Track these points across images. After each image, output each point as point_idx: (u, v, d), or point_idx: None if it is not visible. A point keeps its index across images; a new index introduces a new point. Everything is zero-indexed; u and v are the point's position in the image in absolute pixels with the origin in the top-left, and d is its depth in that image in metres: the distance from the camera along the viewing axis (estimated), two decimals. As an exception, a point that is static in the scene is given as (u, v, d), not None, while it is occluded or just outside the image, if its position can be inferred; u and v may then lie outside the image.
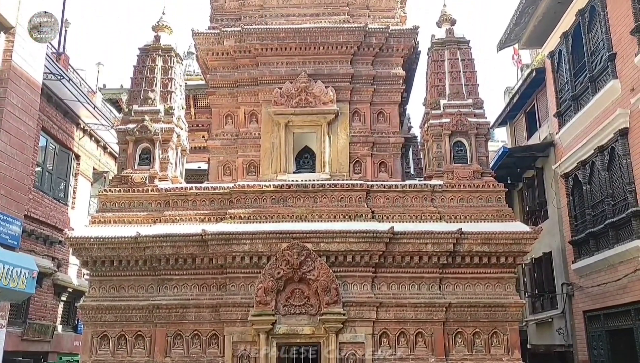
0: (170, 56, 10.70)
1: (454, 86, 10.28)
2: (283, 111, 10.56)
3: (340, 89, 10.75)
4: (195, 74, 20.82)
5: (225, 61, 11.17)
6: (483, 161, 9.89)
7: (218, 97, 11.15)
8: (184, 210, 9.68)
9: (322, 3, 11.44)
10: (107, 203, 9.79)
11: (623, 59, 10.61)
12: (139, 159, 10.04)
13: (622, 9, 10.59)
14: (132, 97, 10.62)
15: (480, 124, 9.94)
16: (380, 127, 10.89)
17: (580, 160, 12.28)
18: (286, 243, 8.89)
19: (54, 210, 13.87)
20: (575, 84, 12.68)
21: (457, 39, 10.64)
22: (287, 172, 10.42)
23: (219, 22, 11.40)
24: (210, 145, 10.94)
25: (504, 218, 9.33)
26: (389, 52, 11.01)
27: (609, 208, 11.12)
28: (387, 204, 9.67)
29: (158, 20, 11.00)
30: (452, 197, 9.61)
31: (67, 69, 14.94)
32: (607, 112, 11.10)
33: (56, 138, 14.10)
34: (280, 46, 10.88)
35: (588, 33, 12.09)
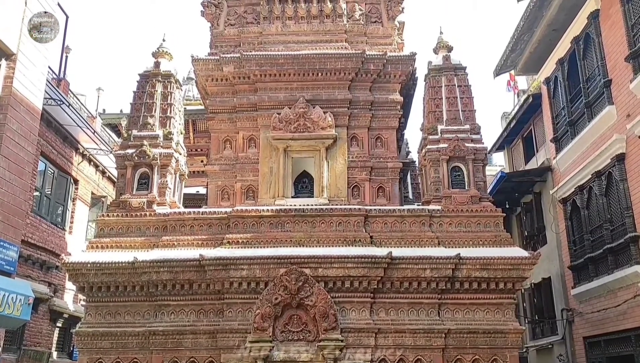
0: (170, 82, 10.80)
1: (451, 112, 10.36)
2: (281, 136, 10.61)
3: (338, 114, 10.82)
4: (195, 99, 20.98)
5: (225, 87, 11.27)
6: (481, 186, 9.91)
7: (217, 122, 11.22)
8: (182, 235, 9.66)
9: (320, 30, 11.59)
10: (105, 228, 9.77)
11: (618, 85, 10.72)
12: (138, 184, 10.06)
13: (616, 37, 10.75)
14: (131, 123, 10.68)
15: (477, 149, 9.98)
16: (378, 152, 10.94)
17: (577, 185, 12.32)
18: (284, 268, 8.85)
19: (51, 235, 13.82)
20: (572, 109, 12.79)
21: (454, 65, 10.76)
22: (285, 196, 10.43)
23: (218, 49, 11.53)
24: (209, 170, 10.97)
25: (502, 244, 9.31)
26: (387, 78, 11.12)
27: (608, 234, 11.12)
28: (386, 229, 9.65)
29: (158, 47, 11.13)
30: (450, 222, 9.61)
31: (68, 94, 15.05)
32: (603, 138, 11.18)
33: (55, 163, 14.13)
34: (279, 72, 10.99)
35: (583, 59, 12.24)
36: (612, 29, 10.93)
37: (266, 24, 11.64)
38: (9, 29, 6.04)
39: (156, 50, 11.09)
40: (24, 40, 6.31)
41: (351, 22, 11.62)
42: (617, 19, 10.68)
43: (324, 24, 11.60)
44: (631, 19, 10.28)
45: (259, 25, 11.68)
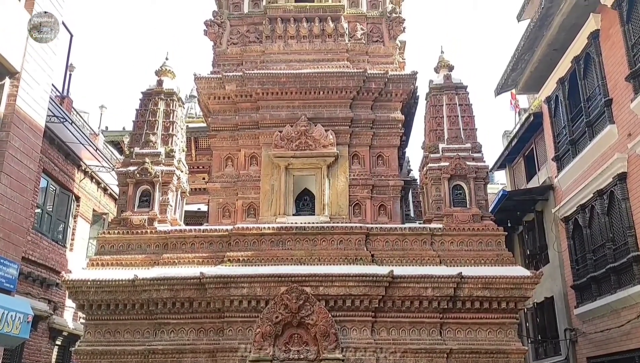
0: (173, 100, 10.87)
1: (453, 130, 10.39)
2: (283, 154, 10.64)
3: (339, 132, 10.86)
4: (197, 116, 21.08)
5: (227, 105, 11.33)
6: (482, 205, 9.89)
7: (219, 140, 11.25)
8: (183, 252, 9.63)
9: (322, 49, 11.67)
10: (106, 245, 9.75)
11: (619, 104, 10.75)
12: (139, 201, 10.07)
13: (616, 56, 10.81)
14: (133, 140, 10.72)
15: (478, 168, 9.99)
16: (380, 170, 10.95)
17: (579, 204, 12.29)
18: (285, 287, 8.81)
19: (52, 252, 13.80)
20: (573, 128, 12.81)
21: (455, 84, 10.82)
22: (286, 214, 10.42)
23: (221, 67, 11.61)
24: (210, 188, 10.98)
25: (504, 263, 9.27)
26: (388, 97, 11.17)
27: (610, 253, 11.07)
28: (387, 247, 9.62)
29: (161, 65, 11.22)
30: (452, 240, 9.58)
31: (71, 111, 15.13)
32: (604, 157, 11.18)
33: (57, 180, 14.15)
34: (281, 90, 11.05)
35: (584, 79, 12.29)
36: (612, 48, 10.99)
37: (268, 42, 11.74)
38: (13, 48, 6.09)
39: (159, 69, 11.18)
40: (28, 58, 6.36)
41: (353, 42, 11.72)
42: (617, 39, 10.75)
43: (325, 43, 11.70)
44: (631, 39, 10.35)
45: (262, 44, 11.77)
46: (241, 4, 12.26)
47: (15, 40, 6.14)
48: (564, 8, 11.86)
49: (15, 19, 6.22)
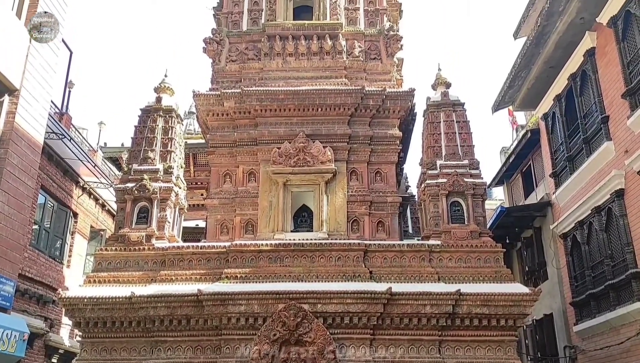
0: (171, 117, 10.91)
1: (450, 147, 10.43)
2: (281, 170, 10.66)
3: (338, 149, 10.89)
4: (196, 133, 21.13)
5: (225, 121, 11.37)
6: (480, 221, 9.90)
7: (217, 156, 11.28)
8: (180, 269, 9.60)
9: (320, 66, 11.75)
10: (103, 262, 9.72)
11: (616, 121, 10.80)
12: (137, 218, 10.06)
13: (612, 74, 10.88)
14: (132, 156, 10.74)
15: (476, 184, 10.02)
16: (378, 186, 10.97)
17: (577, 220, 12.29)
18: (283, 304, 8.77)
19: (49, 269, 13.73)
20: (570, 145, 12.85)
21: (452, 101, 10.88)
22: (284, 231, 10.41)
23: (219, 84, 11.67)
24: (208, 204, 10.98)
25: (502, 279, 9.25)
26: (386, 114, 11.23)
27: (609, 270, 11.04)
28: (385, 264, 9.60)
29: (160, 82, 11.28)
30: (450, 257, 9.57)
31: (70, 128, 15.16)
32: (602, 173, 11.21)
33: (55, 196, 14.13)
34: (280, 107, 11.10)
35: (580, 96, 12.36)
36: (608, 66, 11.07)
37: (267, 60, 11.82)
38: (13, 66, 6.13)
39: (158, 86, 11.23)
40: (27, 76, 6.40)
41: (351, 59, 11.81)
42: (612, 56, 10.84)
43: (324, 61, 11.78)
44: (627, 57, 10.43)
45: (260, 61, 11.85)
46: (240, 22, 12.37)
47: (14, 58, 6.18)
48: (559, 26, 11.96)
49: (15, 37, 6.26)
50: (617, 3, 10.38)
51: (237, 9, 12.51)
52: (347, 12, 12.37)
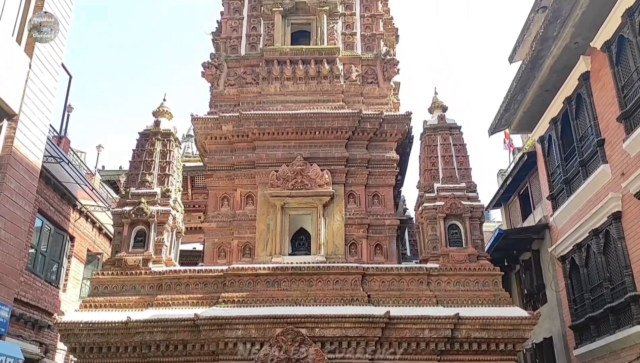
0: (169, 140, 10.95)
1: (447, 170, 10.48)
2: (279, 193, 10.67)
3: (335, 171, 10.93)
4: (194, 155, 21.18)
5: (223, 145, 11.41)
6: (478, 244, 9.89)
7: (215, 179, 11.29)
8: (177, 293, 9.54)
9: (318, 90, 11.85)
10: (99, 286, 9.65)
11: (611, 144, 10.86)
12: (134, 241, 10.02)
13: (607, 97, 10.98)
14: (129, 180, 10.74)
15: (474, 207, 10.03)
16: (376, 209, 10.98)
17: (575, 243, 12.27)
18: (280, 328, 8.70)
19: (44, 293, 13.61)
20: (566, 167, 12.90)
21: (449, 124, 10.96)
22: (282, 254, 10.39)
23: (218, 108, 11.75)
24: (206, 227, 10.95)
25: (501, 303, 9.21)
26: (383, 137, 11.30)
27: (608, 293, 10.99)
28: (383, 288, 9.57)
29: (159, 106, 11.34)
30: (449, 280, 9.54)
31: (68, 151, 15.18)
32: (599, 196, 11.23)
33: (52, 219, 14.09)
34: (277, 130, 11.16)
35: (576, 119, 12.45)
36: (602, 90, 11.17)
37: (265, 84, 11.92)
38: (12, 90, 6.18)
39: (157, 110, 11.30)
40: (26, 101, 6.43)
41: (348, 83, 11.91)
42: (607, 80, 10.95)
43: (321, 85, 11.89)
44: (621, 81, 10.53)
45: (258, 85, 11.95)
46: (238, 46, 12.51)
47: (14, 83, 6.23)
48: (554, 51, 12.11)
49: (15, 62, 6.32)
50: (610, 28, 10.53)
51: (236, 34, 12.66)
52: (344, 37, 12.53)
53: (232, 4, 13.05)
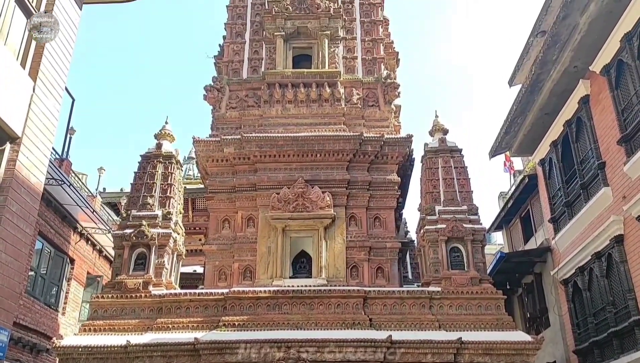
0: (171, 163, 10.99)
1: (449, 193, 10.48)
2: (280, 216, 10.67)
3: (336, 194, 10.94)
4: (195, 178, 21.22)
5: (225, 167, 11.45)
6: (480, 267, 9.85)
7: (216, 202, 11.30)
8: (177, 317, 9.47)
9: (319, 113, 11.92)
10: (99, 310, 9.59)
11: (612, 167, 10.87)
12: (134, 264, 10.00)
13: (607, 120, 11.02)
14: (131, 202, 10.75)
15: (475, 230, 10.01)
16: (377, 231, 10.96)
17: (578, 266, 12.20)
18: (281, 352, 8.63)
19: (43, 317, 13.50)
20: (568, 190, 12.89)
21: (450, 147, 11.00)
22: (283, 277, 10.34)
23: (219, 130, 11.81)
24: (207, 250, 10.93)
25: (504, 327, 9.13)
26: (384, 159, 11.33)
27: (611, 317, 10.89)
28: (385, 311, 9.50)
29: (160, 129, 11.42)
30: (451, 304, 9.47)
31: (69, 174, 15.22)
32: (601, 219, 11.20)
33: (52, 242, 14.04)
34: (279, 153, 11.20)
35: (576, 142, 12.47)
36: (602, 113, 11.22)
37: (267, 107, 12.00)
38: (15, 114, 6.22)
39: (158, 132, 11.36)
40: (29, 124, 6.48)
41: (349, 106, 11.99)
42: (607, 103, 11.00)
43: (322, 108, 11.97)
44: (621, 104, 10.58)
45: (260, 108, 12.04)
46: (240, 70, 12.63)
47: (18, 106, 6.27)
48: (553, 74, 12.19)
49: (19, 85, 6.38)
50: (609, 52, 10.61)
51: (238, 57, 12.79)
52: (346, 61, 12.65)
53: (234, 28, 13.22)
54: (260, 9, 13.47)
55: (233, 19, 13.43)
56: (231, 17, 13.50)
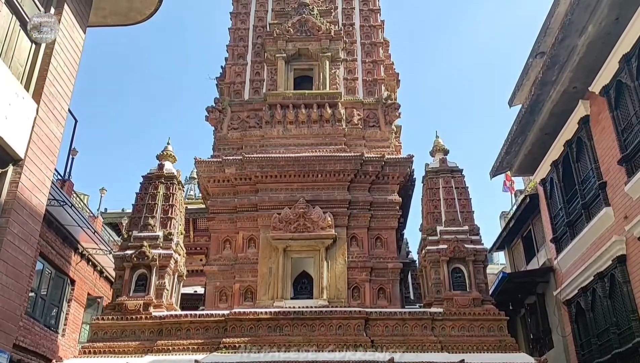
0: (173, 183, 11.02)
1: (450, 213, 10.48)
2: (281, 236, 10.65)
3: (338, 214, 10.93)
4: (196, 198, 21.24)
5: (226, 188, 11.47)
6: (482, 288, 9.80)
7: (217, 222, 11.30)
8: (177, 339, 9.42)
9: (320, 134, 11.98)
10: (99, 332, 9.54)
11: (613, 187, 10.86)
12: (135, 286, 9.97)
13: (607, 141, 11.04)
14: (132, 223, 10.76)
15: (477, 251, 9.99)
16: (378, 252, 10.93)
17: (581, 286, 12.12)
18: (282, 375, 8.54)
19: (43, 338, 13.41)
20: (569, 210, 12.87)
21: (451, 168, 11.03)
22: (284, 298, 10.29)
23: (221, 151, 11.86)
24: (207, 271, 10.89)
25: (507, 349, 9.06)
26: (385, 180, 11.35)
27: (615, 338, 10.79)
28: (387, 333, 9.44)
29: (163, 150, 11.48)
30: (453, 325, 9.41)
31: (71, 194, 15.23)
32: (602, 239, 11.16)
33: (53, 263, 14.01)
34: (280, 173, 11.23)
35: (577, 162, 12.49)
36: (602, 133, 11.25)
37: (268, 127, 12.07)
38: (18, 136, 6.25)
39: (160, 153, 11.42)
40: (32, 146, 6.50)
41: (350, 127, 12.05)
42: (606, 124, 11.03)
43: (323, 128, 12.03)
44: (620, 124, 10.61)
45: (261, 129, 12.10)
46: (242, 91, 12.73)
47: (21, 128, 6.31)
48: (553, 95, 12.25)
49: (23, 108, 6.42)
50: (608, 73, 10.68)
51: (240, 79, 12.90)
52: (346, 82, 12.75)
53: (236, 50, 13.36)
54: (261, 32, 13.63)
55: (235, 41, 13.59)
56: (233, 39, 13.66)
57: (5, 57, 6.36)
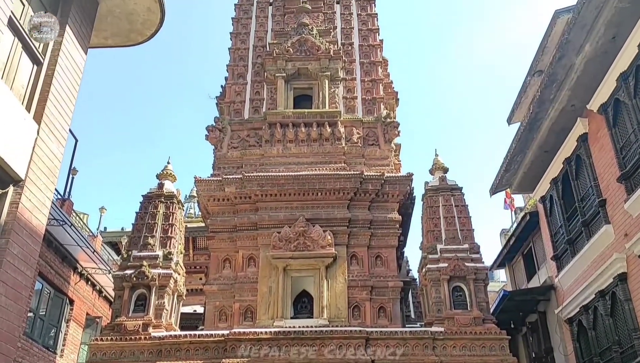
0: (172, 203, 11.02)
1: (450, 231, 10.48)
2: (281, 255, 10.63)
3: (338, 233, 10.93)
4: (196, 216, 21.24)
5: (226, 206, 11.48)
6: (483, 307, 9.76)
7: (217, 241, 11.28)
8: (177, 359, 9.35)
9: (320, 152, 12.03)
10: (98, 353, 9.46)
11: (613, 204, 10.86)
12: (134, 306, 9.92)
13: (606, 158, 11.07)
14: (132, 243, 10.75)
15: (478, 269, 9.97)
16: (379, 270, 10.91)
17: (582, 304, 12.06)
18: (282, 396, 8.46)
19: (42, 359, 13.29)
20: (569, 228, 12.86)
21: (450, 186, 11.05)
22: (284, 317, 10.24)
23: (221, 170, 11.89)
24: (207, 290, 10.85)
25: (509, 368, 8.98)
26: (385, 198, 11.37)
27: (617, 356, 10.71)
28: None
29: (163, 169, 11.51)
30: (454, 345, 9.35)
31: (71, 214, 15.23)
32: (603, 256, 11.13)
33: (52, 283, 13.94)
34: (280, 192, 11.24)
35: (576, 179, 12.50)
36: (601, 151, 11.28)
37: (268, 146, 12.11)
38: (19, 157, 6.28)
39: (160, 172, 11.44)
40: (33, 166, 6.53)
41: (349, 145, 12.10)
42: (605, 141, 11.07)
43: (323, 147, 12.08)
44: (619, 142, 10.65)
45: (261, 147, 12.15)
46: (242, 110, 12.80)
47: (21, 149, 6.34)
48: (551, 113, 12.31)
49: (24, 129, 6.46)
50: (606, 91, 10.75)
51: (240, 98, 12.99)
52: (346, 101, 12.83)
53: (236, 70, 13.46)
54: (261, 51, 13.75)
55: (235, 61, 13.70)
56: (233, 59, 13.78)
57: (7, 78, 6.41)
